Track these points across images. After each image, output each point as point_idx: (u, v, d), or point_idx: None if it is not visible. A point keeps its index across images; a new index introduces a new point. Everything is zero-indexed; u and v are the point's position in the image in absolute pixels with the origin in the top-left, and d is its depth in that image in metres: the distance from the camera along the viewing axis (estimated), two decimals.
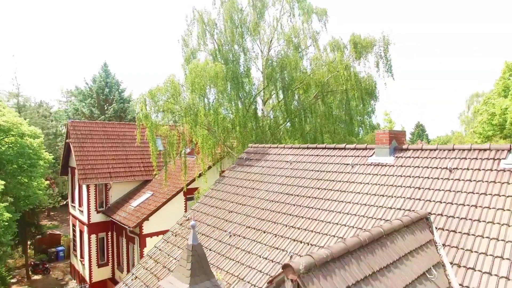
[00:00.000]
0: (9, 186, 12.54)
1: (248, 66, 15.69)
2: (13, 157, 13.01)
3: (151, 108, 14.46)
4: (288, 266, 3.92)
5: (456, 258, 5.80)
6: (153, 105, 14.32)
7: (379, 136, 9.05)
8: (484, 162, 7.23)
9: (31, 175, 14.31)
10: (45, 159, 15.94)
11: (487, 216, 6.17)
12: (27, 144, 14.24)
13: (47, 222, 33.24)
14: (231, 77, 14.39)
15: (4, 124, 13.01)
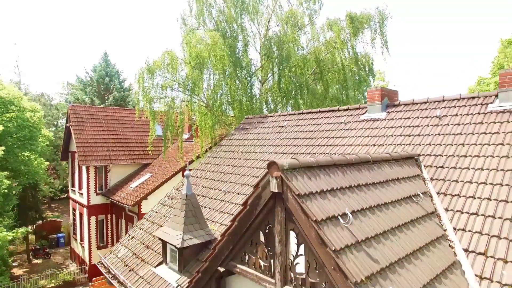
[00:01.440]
0: (9, 159, 12.69)
1: (246, 41, 15.86)
2: (14, 129, 13.17)
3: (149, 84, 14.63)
4: (273, 163, 4.06)
5: (442, 188, 5.93)
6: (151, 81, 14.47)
7: (371, 94, 9.19)
8: (472, 108, 7.36)
9: (31, 148, 14.46)
10: (45, 136, 16.11)
11: (473, 151, 6.30)
12: (27, 118, 14.41)
13: (48, 213, 33.36)
14: (229, 50, 14.53)
15: (5, 97, 13.18)
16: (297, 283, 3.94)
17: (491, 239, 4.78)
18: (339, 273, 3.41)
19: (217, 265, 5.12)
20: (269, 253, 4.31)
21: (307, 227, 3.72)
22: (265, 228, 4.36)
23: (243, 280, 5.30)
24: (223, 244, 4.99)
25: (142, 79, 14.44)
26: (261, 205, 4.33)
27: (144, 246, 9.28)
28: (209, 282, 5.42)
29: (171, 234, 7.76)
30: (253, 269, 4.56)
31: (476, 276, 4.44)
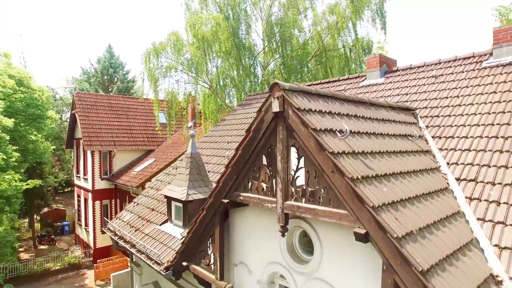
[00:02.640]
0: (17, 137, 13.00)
1: (248, 24, 16.17)
2: (23, 108, 13.53)
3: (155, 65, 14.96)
4: (275, 84, 4.35)
5: (437, 133, 6.19)
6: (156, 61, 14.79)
7: (370, 61, 9.47)
8: (467, 66, 7.63)
9: (39, 126, 14.81)
10: (51, 117, 16.48)
11: (467, 101, 6.56)
12: (36, 97, 14.78)
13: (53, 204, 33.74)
14: (232, 32, 14.83)
15: (16, 75, 13.54)
16: (298, 195, 4.21)
17: (481, 168, 5.03)
18: (337, 174, 3.68)
19: (221, 199, 5.39)
20: (271, 173, 4.58)
21: (306, 138, 4.00)
22: (267, 150, 4.63)
23: (245, 213, 5.59)
24: (227, 176, 5.27)
25: (148, 59, 14.79)
26: (264, 128, 4.61)
27: (149, 209, 9.56)
28: (213, 218, 5.70)
29: (176, 190, 8.04)
30: (256, 194, 4.83)
31: (466, 198, 4.70)
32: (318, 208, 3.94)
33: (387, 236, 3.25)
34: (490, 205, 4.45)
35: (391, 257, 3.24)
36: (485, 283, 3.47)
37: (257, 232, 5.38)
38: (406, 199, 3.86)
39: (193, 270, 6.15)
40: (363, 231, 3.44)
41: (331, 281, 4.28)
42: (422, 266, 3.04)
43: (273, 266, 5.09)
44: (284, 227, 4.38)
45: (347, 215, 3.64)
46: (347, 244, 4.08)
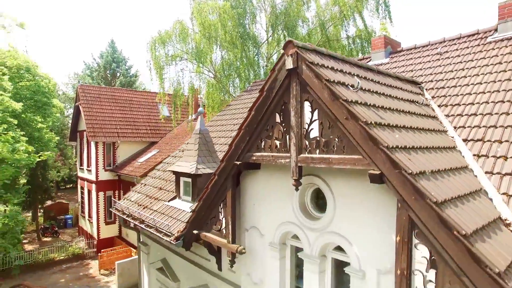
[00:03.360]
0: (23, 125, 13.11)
1: (253, 13, 16.30)
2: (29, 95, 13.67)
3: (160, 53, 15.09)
4: (289, 42, 4.47)
5: (443, 102, 6.31)
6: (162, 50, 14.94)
7: (375, 42, 9.60)
8: (472, 42, 7.76)
9: (45, 113, 14.95)
10: (57, 106, 16.61)
11: (472, 72, 6.69)
12: (42, 84, 14.92)
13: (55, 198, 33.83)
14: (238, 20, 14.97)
15: (22, 64, 13.66)
16: (312, 147, 4.33)
17: (488, 129, 5.16)
18: (351, 120, 3.79)
19: (233, 161, 5.50)
20: (284, 130, 4.70)
21: (320, 89, 4.11)
22: (281, 107, 4.75)
23: (256, 177, 5.71)
24: (240, 138, 5.38)
25: (154, 47, 14.94)
26: (277, 87, 4.72)
27: (157, 188, 9.68)
28: (225, 183, 5.81)
29: (185, 165, 8.16)
30: (269, 152, 4.94)
31: (474, 156, 4.82)
32: (332, 157, 4.06)
33: (401, 173, 3.36)
34: (498, 160, 4.57)
35: (406, 193, 3.35)
36: (495, 223, 3.59)
37: (269, 195, 5.50)
38: (417, 147, 3.98)
39: (204, 237, 6.26)
40: (377, 172, 3.56)
41: (344, 233, 4.39)
42: (437, 198, 3.16)
43: (285, 226, 5.20)
44: (298, 180, 4.49)
45: (361, 159, 3.75)
46: (359, 195, 4.20)
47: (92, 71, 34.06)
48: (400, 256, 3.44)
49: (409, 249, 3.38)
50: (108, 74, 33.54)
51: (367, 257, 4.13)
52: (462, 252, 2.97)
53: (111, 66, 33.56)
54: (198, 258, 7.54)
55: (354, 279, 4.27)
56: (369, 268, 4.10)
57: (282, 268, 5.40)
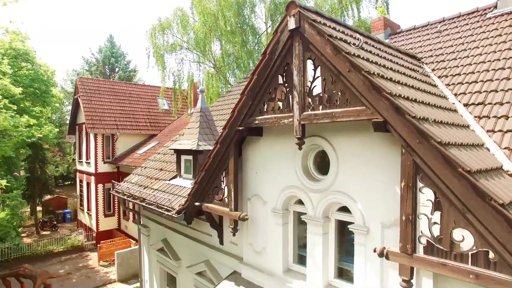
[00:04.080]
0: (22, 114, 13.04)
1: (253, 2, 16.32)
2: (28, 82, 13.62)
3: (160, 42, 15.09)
4: (291, 3, 4.49)
5: (443, 73, 6.34)
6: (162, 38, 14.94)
7: (374, 24, 9.65)
8: (471, 19, 7.81)
9: (44, 101, 14.92)
10: (56, 96, 16.59)
11: (472, 46, 6.73)
12: (41, 72, 14.89)
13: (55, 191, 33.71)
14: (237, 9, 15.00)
15: (21, 48, 13.65)
16: (315, 104, 4.35)
17: (489, 93, 5.19)
18: (354, 71, 3.82)
19: (236, 128, 5.51)
20: (287, 90, 4.72)
21: (322, 46, 4.14)
22: (283, 69, 4.77)
23: (259, 145, 5.72)
24: (242, 103, 5.40)
25: (154, 35, 14.94)
26: (279, 49, 4.74)
27: (158, 170, 9.68)
28: (227, 151, 5.81)
29: (186, 143, 8.17)
30: (272, 114, 4.96)
31: (475, 117, 4.85)
32: (335, 111, 4.08)
33: (405, 118, 3.39)
34: (499, 119, 4.60)
35: (410, 137, 3.37)
36: (498, 170, 3.61)
37: (272, 161, 5.51)
38: (419, 101, 4.01)
39: (206, 208, 6.26)
40: (381, 119, 3.58)
41: (347, 190, 4.41)
42: (441, 139, 3.18)
43: (288, 191, 5.22)
44: (301, 139, 4.50)
45: (364, 110, 3.78)
46: (362, 152, 4.22)
47: (91, 66, 34.05)
48: (405, 202, 3.46)
49: (414, 193, 3.40)
50: (107, 69, 33.52)
51: (371, 212, 4.15)
52: (466, 189, 2.99)
53: (109, 61, 33.55)
54: (200, 234, 7.54)
55: (358, 236, 4.28)
56: (373, 224, 4.12)
57: (285, 235, 5.41)
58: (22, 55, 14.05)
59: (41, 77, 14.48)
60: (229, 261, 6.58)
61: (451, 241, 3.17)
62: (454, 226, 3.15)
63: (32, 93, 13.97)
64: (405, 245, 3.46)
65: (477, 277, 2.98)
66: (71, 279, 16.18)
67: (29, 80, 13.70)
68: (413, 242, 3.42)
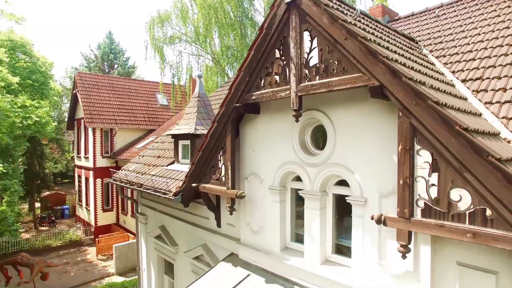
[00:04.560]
0: None
1: None
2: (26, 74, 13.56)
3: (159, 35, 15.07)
4: None
5: (441, 53, 6.33)
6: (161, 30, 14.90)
7: (373, 11, 9.64)
8: (470, 3, 7.80)
9: (43, 93, 14.85)
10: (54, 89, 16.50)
11: (470, 27, 6.72)
12: (39, 64, 14.83)
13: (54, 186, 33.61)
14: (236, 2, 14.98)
15: (18, 40, 13.59)
16: (311, 75, 4.33)
17: (487, 69, 5.17)
18: (351, 38, 3.79)
19: (233, 105, 5.48)
20: (284, 63, 4.69)
21: (319, 16, 4.11)
22: (280, 43, 4.74)
23: (256, 124, 5.69)
24: (239, 80, 5.37)
25: (152, 27, 14.91)
26: (276, 23, 4.71)
27: (155, 157, 9.65)
28: (224, 129, 5.78)
29: (183, 128, 8.15)
30: (269, 88, 4.93)
31: (473, 91, 4.83)
32: (332, 80, 4.05)
33: (402, 81, 3.36)
34: (497, 92, 4.58)
35: (406, 99, 3.35)
36: (495, 136, 3.59)
37: (269, 139, 5.48)
38: (415, 69, 3.98)
39: (203, 188, 6.23)
40: (378, 84, 3.56)
41: (345, 162, 4.38)
42: (437, 99, 3.16)
43: (285, 167, 5.19)
44: (298, 111, 4.47)
45: (361, 76, 3.75)
46: (359, 122, 4.19)
47: (89, 62, 34.01)
48: (402, 165, 3.43)
49: (411, 156, 3.37)
50: (106, 66, 33.48)
51: (368, 183, 4.12)
52: (464, 146, 2.97)
53: (108, 57, 33.51)
54: (197, 218, 7.50)
55: (356, 207, 4.25)
56: (370, 194, 4.09)
57: (283, 212, 5.39)
58: (19, 47, 14.00)
59: (39, 69, 14.43)
60: (227, 243, 6.54)
61: (448, 202, 3.14)
62: (451, 186, 3.12)
63: (30, 85, 13.92)
64: (402, 210, 3.43)
65: (474, 236, 2.96)
66: (69, 272, 16.13)
67: (27, 73, 13.63)
68: (411, 206, 3.39)
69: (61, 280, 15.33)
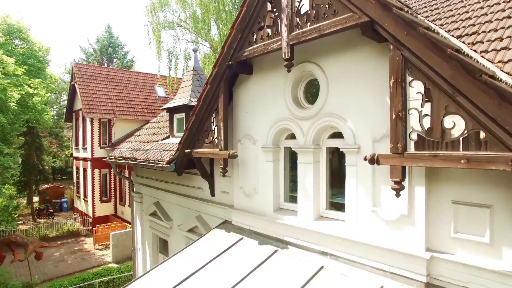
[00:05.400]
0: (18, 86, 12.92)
1: None
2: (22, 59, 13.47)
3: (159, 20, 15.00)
4: None
5: (436, 17, 6.24)
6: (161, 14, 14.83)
7: None
8: None
9: (39, 77, 14.76)
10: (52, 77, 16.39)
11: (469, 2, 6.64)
12: (36, 49, 14.76)
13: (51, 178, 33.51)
14: None
15: (14, 24, 13.52)
16: (303, 23, 4.25)
17: (483, 24, 5.09)
18: None
19: (226, 63, 5.40)
20: (276, 14, 4.62)
21: None
22: None
23: (248, 85, 5.62)
24: (232, 38, 5.29)
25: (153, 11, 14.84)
26: None
27: (150, 134, 9.58)
28: (217, 90, 5.70)
29: (178, 100, 8.07)
30: (261, 42, 4.85)
31: (469, 44, 4.74)
32: (323, 24, 3.97)
33: (392, 12, 3.29)
34: (493, 42, 4.50)
35: (397, 31, 3.27)
36: None
37: (262, 98, 5.41)
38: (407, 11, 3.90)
39: (196, 153, 6.14)
40: (368, 19, 3.48)
41: (338, 111, 4.30)
42: (428, 25, 3.08)
43: (278, 124, 5.10)
44: (290, 60, 4.39)
45: (352, 16, 3.67)
46: (351, 69, 4.12)
47: (88, 55, 33.96)
48: (394, 99, 3.34)
49: (403, 88, 3.29)
50: (105, 59, 33.43)
51: (361, 129, 4.04)
52: (456, 69, 2.89)
53: (107, 51, 33.47)
54: (191, 189, 7.41)
55: (350, 156, 4.17)
56: (364, 140, 4.01)
57: (276, 171, 5.30)
58: (16, 31, 13.94)
59: (35, 54, 14.37)
60: (221, 211, 6.45)
61: (442, 130, 3.06)
62: (444, 113, 3.04)
63: (26, 70, 13.83)
64: (395, 145, 3.34)
65: (468, 161, 2.87)
66: (66, 261, 16.04)
67: (23, 58, 13.54)
68: (404, 140, 3.30)
69: (58, 267, 15.23)
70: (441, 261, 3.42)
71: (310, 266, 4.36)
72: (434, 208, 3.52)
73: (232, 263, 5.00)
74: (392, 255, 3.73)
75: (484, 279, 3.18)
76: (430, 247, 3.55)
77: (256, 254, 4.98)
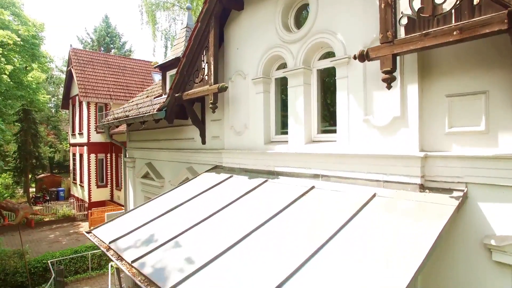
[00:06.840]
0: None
1: None
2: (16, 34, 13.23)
3: None
4: None
5: None
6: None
7: None
8: None
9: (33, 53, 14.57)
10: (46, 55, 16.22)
11: None
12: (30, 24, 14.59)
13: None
14: None
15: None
16: None
17: None
18: None
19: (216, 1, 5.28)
20: None
21: None
22: None
23: (239, 21, 5.49)
24: None
25: None
26: None
27: (143, 97, 9.43)
28: (208, 26, 5.57)
29: (171, 57, 7.92)
30: None
31: None
32: None
33: None
34: None
35: None
36: None
37: (253, 32, 5.28)
38: None
39: (186, 95, 6.00)
40: None
41: (328, 26, 4.17)
42: None
43: (268, 52, 4.98)
44: None
45: None
46: None
47: (85, 45, 33.83)
48: None
49: None
50: (102, 49, 33.27)
51: (352, 38, 3.91)
52: None
53: (104, 40, 33.35)
54: (183, 142, 7.26)
55: (340, 68, 4.03)
56: (355, 49, 3.86)
57: (267, 103, 5.16)
58: (9, 5, 13.79)
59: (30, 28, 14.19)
60: (211, 157, 6.30)
61: (433, 6, 2.91)
62: None
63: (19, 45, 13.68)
64: (385, 34, 3.20)
65: (461, 31, 2.72)
66: (61, 242, 15.85)
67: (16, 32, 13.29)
68: (394, 27, 3.16)
69: (52, 248, 15.03)
70: (437, 159, 3.27)
71: (300, 188, 4.21)
72: (428, 106, 3.37)
73: (219, 195, 4.85)
74: (386, 162, 3.58)
75: (480, 169, 3.03)
76: (425, 148, 3.40)
77: (245, 186, 4.83)
